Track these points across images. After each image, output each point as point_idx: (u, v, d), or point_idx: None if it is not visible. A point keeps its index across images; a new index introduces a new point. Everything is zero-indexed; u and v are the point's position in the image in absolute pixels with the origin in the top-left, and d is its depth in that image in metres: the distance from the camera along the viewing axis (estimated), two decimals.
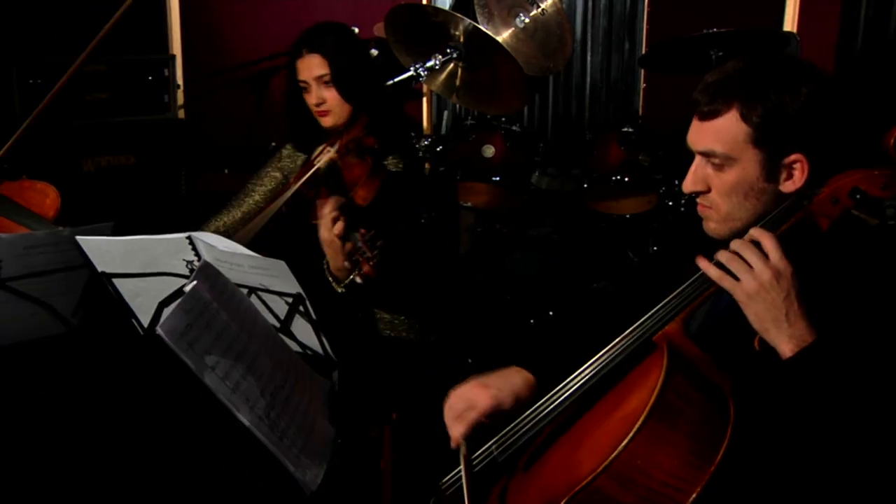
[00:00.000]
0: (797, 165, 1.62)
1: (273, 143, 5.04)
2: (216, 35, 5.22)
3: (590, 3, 5.21)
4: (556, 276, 4.47)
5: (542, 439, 1.74)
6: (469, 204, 4.28)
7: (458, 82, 4.20)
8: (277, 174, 2.81)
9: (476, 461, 1.76)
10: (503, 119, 4.48)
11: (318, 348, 2.10)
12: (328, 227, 2.25)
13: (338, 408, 1.86)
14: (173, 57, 4.26)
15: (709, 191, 1.70)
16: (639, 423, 1.50)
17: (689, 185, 1.72)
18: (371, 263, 2.16)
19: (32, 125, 2.47)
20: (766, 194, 1.65)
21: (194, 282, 1.54)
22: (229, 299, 1.65)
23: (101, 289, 2.19)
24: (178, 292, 2.12)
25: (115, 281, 2.14)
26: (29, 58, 3.72)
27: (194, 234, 1.99)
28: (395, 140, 2.71)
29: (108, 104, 3.99)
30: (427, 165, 4.10)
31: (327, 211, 2.27)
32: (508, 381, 1.84)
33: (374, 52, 4.55)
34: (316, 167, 2.52)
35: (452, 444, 1.79)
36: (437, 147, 4.30)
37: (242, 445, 2.19)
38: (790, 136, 1.61)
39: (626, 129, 4.16)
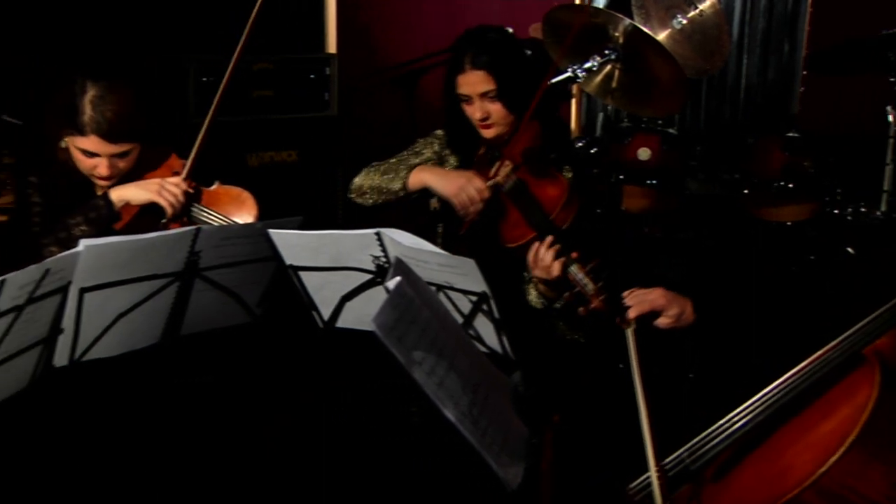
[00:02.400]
0: None
1: None
2: (370, 34, 5.32)
3: (748, 4, 5.06)
4: (707, 281, 4.36)
5: (733, 450, 1.72)
6: (623, 208, 4.23)
7: (614, 84, 4.15)
8: (436, 148, 2.75)
9: (668, 467, 1.74)
10: (659, 122, 4.41)
11: (498, 347, 2.10)
12: (543, 265, 2.26)
13: (523, 408, 1.87)
14: (335, 56, 4.36)
15: None
16: (850, 438, 1.46)
17: None
18: (601, 298, 2.17)
19: (210, 127, 2.51)
20: None
21: (398, 277, 1.56)
22: (426, 295, 1.68)
23: (285, 281, 2.26)
24: (362, 286, 2.19)
25: (301, 274, 2.20)
26: (204, 56, 3.87)
27: (382, 231, 2.03)
28: (567, 149, 2.68)
29: (272, 101, 4.11)
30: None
31: (543, 252, 2.26)
32: (682, 299, 2.13)
33: (528, 52, 4.53)
34: (496, 182, 2.43)
35: (624, 324, 2.04)
36: (591, 149, 4.26)
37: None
38: None
39: (791, 134, 4.02)
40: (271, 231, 2.12)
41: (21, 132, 4.16)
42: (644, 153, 4.23)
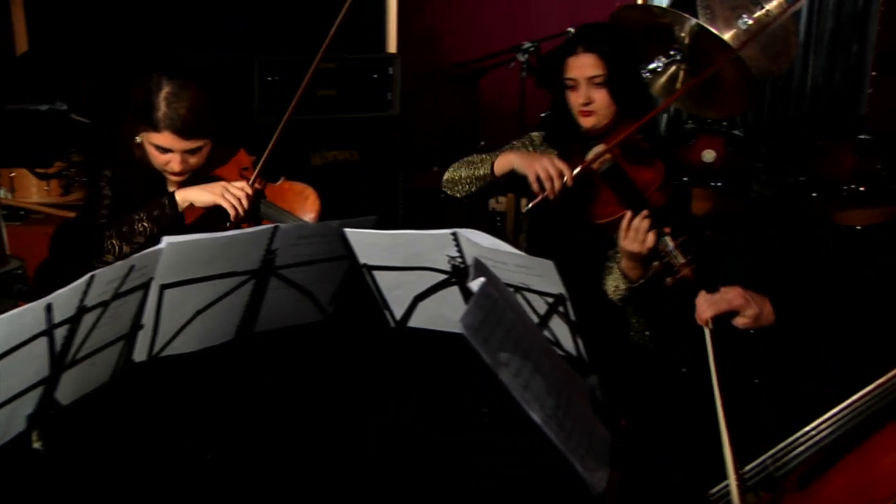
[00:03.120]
0: None
1: (482, 143, 5.10)
2: (430, 35, 5.33)
3: (816, 3, 4.97)
4: (772, 284, 4.28)
5: (819, 458, 1.68)
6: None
7: (678, 85, 4.11)
8: (530, 150, 2.76)
9: (749, 474, 1.72)
10: (724, 123, 4.35)
11: (573, 350, 2.09)
12: (638, 237, 2.27)
13: (600, 412, 1.85)
14: (397, 56, 4.37)
15: None
16: None
17: None
18: (691, 267, 2.19)
19: (285, 127, 2.53)
20: None
21: (482, 278, 1.56)
22: (507, 297, 1.67)
23: (357, 280, 2.27)
24: (436, 287, 2.19)
25: (375, 273, 2.21)
26: (268, 56, 3.91)
27: (459, 231, 2.02)
28: (661, 143, 2.67)
29: (336, 101, 4.14)
30: None
31: (638, 222, 2.27)
32: (761, 299, 2.06)
33: None
34: (589, 164, 2.43)
35: (700, 322, 2.03)
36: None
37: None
38: None
39: (862, 137, 3.94)
40: (347, 230, 2.12)
41: (89, 130, 4.24)
42: (708, 155, 4.18)
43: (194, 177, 2.46)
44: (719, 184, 4.15)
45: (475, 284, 1.56)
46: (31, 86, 4.27)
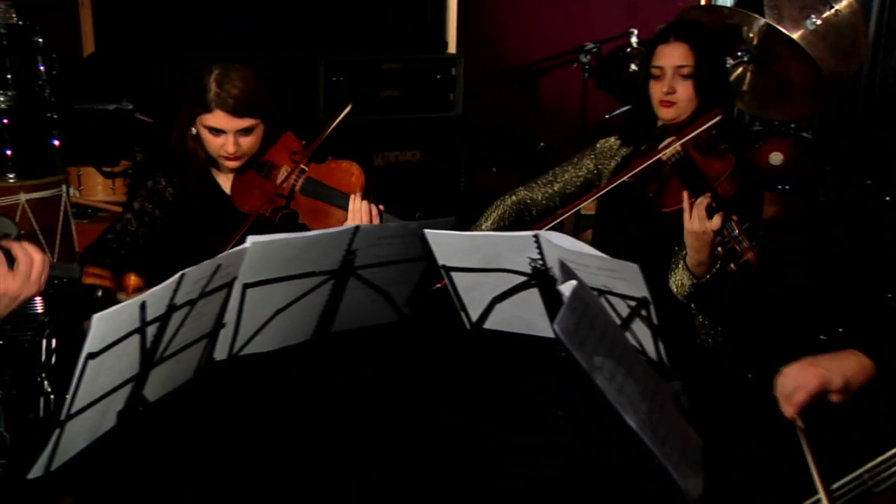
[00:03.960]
0: None
1: (541, 144, 5.08)
2: (490, 36, 5.32)
3: (888, 1, 4.86)
4: (839, 289, 4.21)
5: None
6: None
7: (745, 87, 4.05)
8: (591, 165, 2.78)
9: (845, 490, 1.68)
10: (792, 126, 4.28)
11: (654, 355, 2.06)
12: (702, 217, 2.23)
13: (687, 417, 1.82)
14: (461, 57, 4.37)
15: None
16: None
17: None
18: (755, 251, 2.14)
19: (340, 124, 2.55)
20: None
21: (573, 281, 1.54)
22: (596, 301, 1.65)
23: (433, 281, 2.27)
24: (515, 289, 2.17)
25: (453, 274, 2.20)
26: (334, 56, 3.93)
27: (541, 233, 2.01)
28: (738, 141, 2.64)
29: (399, 101, 4.15)
30: None
31: (701, 201, 2.24)
32: (839, 363, 1.77)
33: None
34: (659, 158, 2.43)
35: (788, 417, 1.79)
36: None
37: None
38: None
39: None
40: (427, 231, 2.12)
41: (152, 130, 4.30)
42: (776, 158, 4.12)
43: (249, 163, 2.48)
44: (786, 187, 4.08)
45: (567, 287, 1.54)
46: (97, 86, 4.34)
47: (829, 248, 4.28)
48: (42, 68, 3.77)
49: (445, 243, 2.14)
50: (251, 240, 1.92)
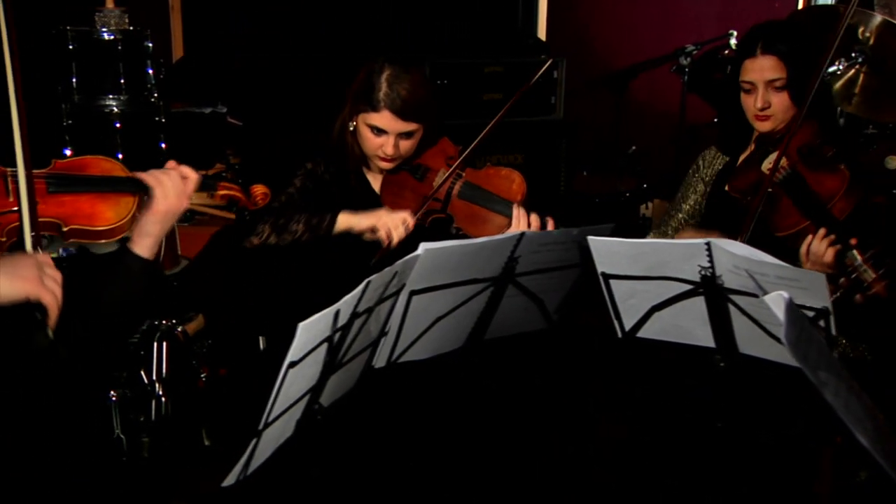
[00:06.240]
0: None
1: (633, 148, 5.02)
2: (582, 38, 5.27)
3: None
4: None
5: None
6: None
7: (856, 89, 3.94)
8: (700, 186, 2.70)
9: None
10: None
11: None
12: (819, 261, 2.16)
13: None
14: (563, 60, 4.32)
15: None
16: None
17: None
18: (884, 283, 2.04)
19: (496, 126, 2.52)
20: None
21: (785, 294, 1.48)
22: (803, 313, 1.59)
23: (586, 288, 2.23)
24: (677, 297, 2.12)
25: (611, 282, 2.15)
26: (440, 58, 3.90)
27: (713, 241, 1.95)
28: (846, 147, 2.55)
29: (502, 104, 4.10)
30: None
31: (816, 245, 2.16)
32: None
33: None
34: (765, 176, 2.33)
35: None
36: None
37: None
38: None
39: None
40: (590, 238, 2.07)
41: (243, 132, 4.31)
42: (892, 161, 4.00)
43: (403, 164, 2.46)
44: None
45: (778, 298, 1.48)
46: (187, 90, 4.37)
47: None
48: (150, 72, 3.81)
49: (609, 251, 2.09)
50: (423, 246, 1.89)
